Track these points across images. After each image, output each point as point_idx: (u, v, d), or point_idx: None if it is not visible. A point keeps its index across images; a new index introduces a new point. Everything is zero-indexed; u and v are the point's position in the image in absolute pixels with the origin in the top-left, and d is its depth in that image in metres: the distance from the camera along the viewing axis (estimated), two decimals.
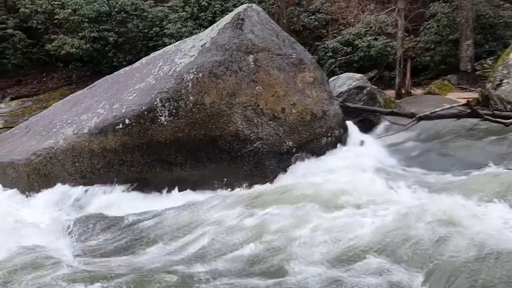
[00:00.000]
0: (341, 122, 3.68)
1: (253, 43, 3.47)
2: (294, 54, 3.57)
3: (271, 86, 3.46)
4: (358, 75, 5.50)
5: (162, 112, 3.34)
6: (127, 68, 4.42)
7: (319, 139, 3.58)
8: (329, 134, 3.61)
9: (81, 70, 12.44)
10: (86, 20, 11.91)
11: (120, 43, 12.74)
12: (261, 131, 3.41)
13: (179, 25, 11.64)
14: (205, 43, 3.56)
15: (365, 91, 5.21)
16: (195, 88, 3.31)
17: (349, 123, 3.84)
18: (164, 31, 11.97)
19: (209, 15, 11.69)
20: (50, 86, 12.61)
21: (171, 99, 3.34)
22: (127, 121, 3.37)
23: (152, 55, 4.38)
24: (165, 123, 3.34)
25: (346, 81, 5.30)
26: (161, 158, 3.46)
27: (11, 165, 3.58)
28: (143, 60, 4.33)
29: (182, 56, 3.64)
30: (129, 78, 3.98)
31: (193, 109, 3.31)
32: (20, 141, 3.86)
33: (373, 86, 5.58)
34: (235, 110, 3.34)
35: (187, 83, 3.33)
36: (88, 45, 11.74)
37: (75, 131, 3.52)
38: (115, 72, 4.51)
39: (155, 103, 3.35)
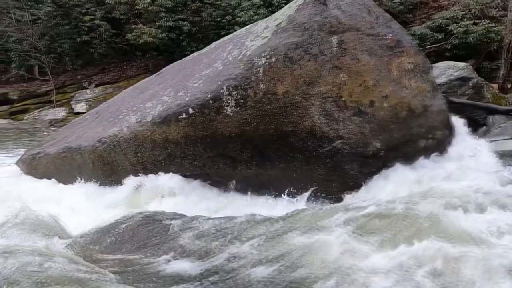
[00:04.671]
0: (446, 121, 2.90)
1: (338, 21, 2.87)
2: (390, 35, 2.88)
3: (358, 73, 2.83)
4: (462, 64, 4.52)
5: (229, 101, 2.94)
6: (195, 54, 4.13)
7: (416, 141, 2.87)
8: (429, 136, 2.87)
9: (157, 59, 12.91)
10: (163, 9, 12.26)
11: (194, 32, 12.93)
12: (342, 128, 2.82)
13: (252, 13, 11.32)
14: (280, 23, 3.05)
15: (470, 83, 4.24)
16: (266, 75, 2.84)
17: (457, 122, 3.03)
18: (236, 19, 11.80)
19: (283, 1, 11.13)
20: (129, 74, 13.33)
21: (239, 87, 2.91)
22: (190, 110, 3.05)
23: (222, 39, 4.03)
24: (231, 114, 2.94)
25: (445, 70, 4.37)
26: (225, 153, 3.08)
27: (78, 151, 3.53)
28: (212, 44, 4.00)
29: (253, 39, 3.19)
30: (196, 64, 3.67)
31: (263, 99, 2.85)
32: (89, 127, 3.81)
33: (479, 77, 4.57)
34: (312, 101, 2.80)
35: (258, 69, 2.87)
36: (163, 34, 12.09)
37: (139, 119, 3.32)
38: (184, 58, 4.26)
39: (221, 91, 2.96)
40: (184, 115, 3.06)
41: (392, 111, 2.84)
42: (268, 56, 2.84)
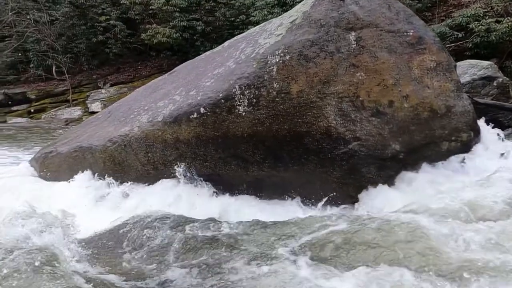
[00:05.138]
0: (471, 122, 2.73)
1: (356, 16, 2.74)
2: (411, 31, 2.73)
3: (376, 72, 2.69)
4: (486, 63, 4.32)
5: (241, 101, 2.84)
6: (208, 53, 4.06)
7: (438, 144, 2.71)
8: (453, 138, 2.71)
9: (171, 59, 12.98)
10: (177, 9, 12.32)
11: (207, 32, 12.95)
12: (359, 129, 2.69)
13: (266, 12, 11.25)
14: (295, 19, 2.94)
15: (495, 83, 4.04)
16: (280, 74, 2.73)
17: (483, 125, 2.86)
18: (250, 18, 11.75)
19: (297, 0, 11.02)
20: (143, 73, 13.45)
21: (252, 86, 2.82)
22: (202, 110, 2.97)
23: (235, 37, 3.95)
24: (243, 114, 2.84)
25: (468, 69, 4.19)
26: (237, 154, 2.99)
27: (89, 150, 3.50)
28: (226, 43, 3.92)
29: (267, 36, 3.09)
30: (209, 63, 3.60)
31: (277, 99, 2.74)
32: (101, 126, 3.79)
33: (505, 77, 4.35)
34: (327, 101, 2.68)
35: (272, 67, 2.77)
36: (178, 34, 12.14)
37: (150, 119, 3.27)
38: (197, 57, 4.20)
39: (234, 90, 2.87)
40: (195, 115, 2.99)
41: (412, 111, 2.69)
42: (282, 54, 2.73)
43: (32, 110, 13.13)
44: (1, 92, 13.49)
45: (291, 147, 2.79)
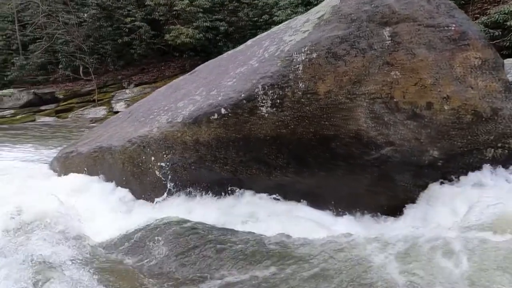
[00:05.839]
0: None
1: (392, 10, 2.51)
2: (453, 25, 2.47)
3: (413, 71, 2.45)
4: None
5: (264, 101, 2.68)
6: (230, 52, 3.93)
7: (482, 151, 2.44)
8: (499, 145, 2.43)
9: (193, 59, 13.00)
10: (201, 10, 12.34)
11: (230, 32, 12.90)
12: (393, 133, 2.46)
13: (289, 11, 11.05)
14: (323, 15, 2.75)
15: None
16: (306, 72, 2.55)
17: None
18: (273, 18, 11.59)
19: None
20: (167, 74, 13.56)
21: (276, 86, 2.65)
22: (223, 110, 2.83)
23: (258, 36, 3.79)
24: (266, 115, 2.68)
25: (510, 69, 3.84)
26: (259, 157, 2.83)
27: (109, 151, 3.44)
28: (248, 42, 3.77)
29: (292, 33, 2.91)
30: (231, 62, 3.46)
31: (302, 100, 2.56)
32: (121, 126, 3.72)
33: None
34: (358, 102, 2.46)
35: (297, 66, 2.59)
36: (201, 34, 12.16)
37: (169, 119, 3.16)
38: (219, 56, 4.07)
39: (256, 90, 2.71)
40: (216, 116, 2.85)
41: (454, 114, 2.43)
42: (308, 52, 2.54)
43: (59, 110, 13.51)
44: (31, 92, 13.97)
45: (317, 151, 2.59)
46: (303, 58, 2.55)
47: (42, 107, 13.71)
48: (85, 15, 13.76)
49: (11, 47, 15.09)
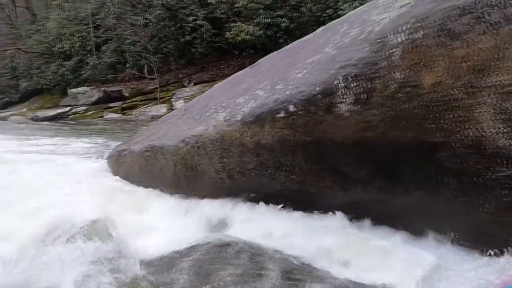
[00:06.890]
0: None
1: None
2: None
3: None
4: None
5: (345, 96, 2.11)
6: (295, 42, 3.40)
7: None
8: None
9: (253, 57, 12.71)
10: (262, 7, 12.01)
11: (291, 29, 12.39)
12: None
13: (357, 4, 10.18)
14: None
15: None
16: (406, 58, 1.92)
17: None
18: (338, 12, 10.81)
19: None
20: (226, 72, 13.46)
21: (361, 77, 2.06)
22: (291, 108, 2.32)
23: (329, 24, 3.22)
24: (346, 114, 2.11)
25: None
26: (334, 167, 2.27)
27: (161, 151, 3.13)
28: (318, 30, 3.23)
29: (382, 11, 2.30)
30: (298, 53, 2.94)
31: (398, 94, 1.94)
32: (175, 124, 3.41)
33: None
34: (481, 98, 1.78)
35: (392, 50, 1.98)
36: (261, 31, 11.82)
37: (227, 117, 2.73)
38: (282, 48, 3.58)
39: (335, 82, 2.15)
40: (282, 114, 2.35)
41: None
42: (411, 30, 1.91)
43: (125, 107, 14.16)
44: (101, 90, 14.86)
45: (416, 163, 1.96)
46: (403, 39, 1.93)
47: (110, 104, 14.49)
48: (151, 16, 14.23)
49: (86, 48, 16.22)
